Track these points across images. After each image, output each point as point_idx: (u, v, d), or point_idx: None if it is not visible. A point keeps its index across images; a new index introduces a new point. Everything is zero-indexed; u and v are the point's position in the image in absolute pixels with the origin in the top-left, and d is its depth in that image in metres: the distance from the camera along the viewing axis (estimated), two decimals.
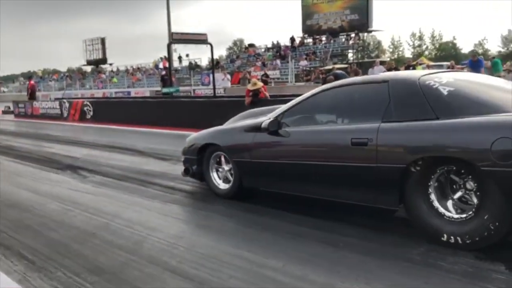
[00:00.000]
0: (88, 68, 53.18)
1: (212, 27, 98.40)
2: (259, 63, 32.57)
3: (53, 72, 66.60)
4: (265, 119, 4.49)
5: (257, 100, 10.46)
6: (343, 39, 34.20)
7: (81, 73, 52.47)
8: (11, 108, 22.90)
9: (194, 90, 27.10)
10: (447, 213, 3.35)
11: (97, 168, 7.06)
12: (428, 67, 21.92)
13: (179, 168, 5.66)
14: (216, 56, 53.08)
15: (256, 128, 4.56)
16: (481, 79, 4.35)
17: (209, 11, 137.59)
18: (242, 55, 38.85)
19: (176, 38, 12.67)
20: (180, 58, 39.21)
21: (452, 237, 3.25)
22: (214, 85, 16.61)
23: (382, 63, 21.66)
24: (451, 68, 19.98)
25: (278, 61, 31.61)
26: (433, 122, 3.38)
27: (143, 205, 4.86)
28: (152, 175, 6.31)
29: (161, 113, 12.84)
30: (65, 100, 18.82)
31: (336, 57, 31.94)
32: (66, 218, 4.51)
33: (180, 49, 35.62)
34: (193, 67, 37.24)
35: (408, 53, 73.79)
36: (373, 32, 38.39)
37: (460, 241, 3.21)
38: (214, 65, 38.08)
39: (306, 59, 30.08)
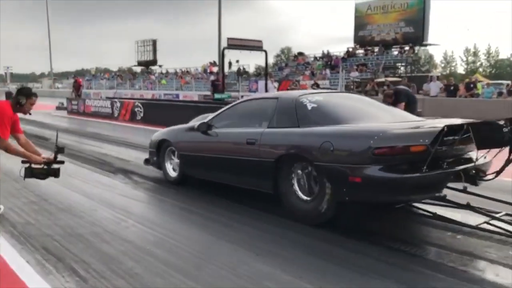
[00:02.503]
0: (138, 69, 54.21)
1: (259, 34, 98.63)
2: (308, 72, 32.09)
3: (105, 71, 68.43)
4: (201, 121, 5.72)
5: None
6: (396, 52, 33.21)
7: (131, 73, 53.56)
8: (64, 105, 23.50)
9: (242, 96, 26.89)
10: (304, 197, 4.46)
11: (149, 173, 6.84)
12: (487, 85, 20.79)
13: None
14: (262, 63, 53.20)
15: (193, 128, 5.73)
16: (350, 98, 5.72)
17: (258, 18, 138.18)
18: (291, 64, 38.46)
19: (231, 44, 12.46)
20: (230, 63, 39.23)
21: (306, 214, 4.38)
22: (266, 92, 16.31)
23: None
24: (510, 87, 19.00)
25: (328, 71, 31.04)
26: (294, 129, 4.61)
27: (201, 215, 4.58)
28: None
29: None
30: (116, 100, 19.03)
31: (388, 70, 31.02)
32: (119, 229, 4.28)
33: (229, 55, 35.68)
34: (241, 73, 37.18)
35: (460, 69, 71.52)
36: (428, 45, 37.14)
37: (308, 217, 4.35)
38: (264, 72, 38.06)
39: (357, 70, 29.37)
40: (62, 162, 4.73)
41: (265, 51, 13.57)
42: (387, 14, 34.47)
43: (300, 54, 39.63)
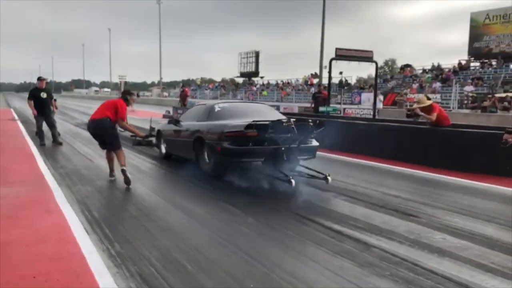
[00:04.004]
0: (240, 80, 55.36)
1: (360, 45, 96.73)
2: (415, 85, 30.24)
3: (209, 81, 70.94)
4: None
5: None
6: None
7: (234, 84, 54.81)
8: (171, 113, 24.33)
9: (344, 109, 25.95)
10: (207, 161, 7.43)
11: (255, 195, 6.44)
12: None
13: (341, 203, 5.81)
14: (365, 76, 51.40)
15: (170, 122, 9.21)
16: (244, 105, 9.64)
17: (360, 30, 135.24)
18: (397, 76, 36.68)
19: (339, 54, 11.81)
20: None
21: (208, 170, 7.38)
22: (374, 107, 15.34)
23: None
24: None
25: (438, 84, 28.98)
26: (204, 122, 7.79)
27: (307, 253, 4.00)
28: (311, 211, 5.44)
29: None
30: None
31: (507, 84, 28.14)
32: (220, 257, 3.85)
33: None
34: (343, 85, 36.20)
35: None
36: None
37: (208, 172, 7.36)
38: (366, 84, 36.62)
39: (472, 84, 27.03)
40: (154, 136, 9.23)
41: (376, 62, 12.73)
42: (508, 24, 31.51)
43: (407, 66, 37.65)
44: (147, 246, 4.08)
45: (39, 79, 11.96)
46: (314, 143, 7.38)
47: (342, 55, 11.92)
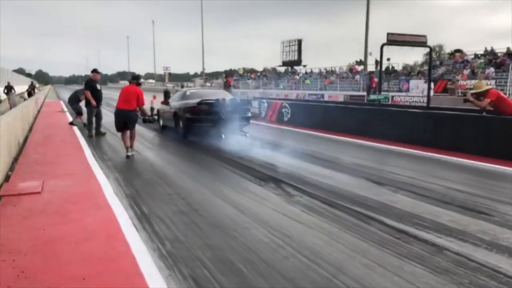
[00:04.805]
0: (282, 69, 54.68)
1: (405, 31, 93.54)
2: (467, 71, 28.81)
3: (251, 71, 70.60)
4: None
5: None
6: None
7: (276, 73, 54.24)
8: None
9: (392, 97, 25.03)
10: (181, 126, 11.45)
11: (302, 185, 6.12)
12: None
13: (402, 198, 5.44)
14: (410, 62, 49.50)
15: (162, 103, 14.06)
16: (208, 91, 13.99)
17: (404, 15, 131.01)
18: (446, 62, 35.12)
19: (391, 39, 11.20)
20: (377, 62, 37.25)
21: (182, 133, 11.46)
22: (429, 94, 14.57)
23: None
24: None
25: (492, 70, 27.47)
26: (179, 102, 12.03)
27: (372, 256, 3.64)
28: (369, 207, 5.07)
29: (367, 122, 11.53)
30: (264, 100, 18.86)
31: None
32: (276, 259, 3.57)
33: (376, 53, 33.62)
34: (390, 72, 35.02)
35: None
36: None
37: (181, 134, 11.54)
38: (414, 71, 35.29)
39: None
40: (156, 115, 13.90)
41: (430, 47, 12.04)
42: None
43: (458, 51, 35.93)
44: (199, 245, 3.86)
45: (95, 71, 12.06)
46: (249, 114, 11.12)
47: (394, 40, 11.31)
